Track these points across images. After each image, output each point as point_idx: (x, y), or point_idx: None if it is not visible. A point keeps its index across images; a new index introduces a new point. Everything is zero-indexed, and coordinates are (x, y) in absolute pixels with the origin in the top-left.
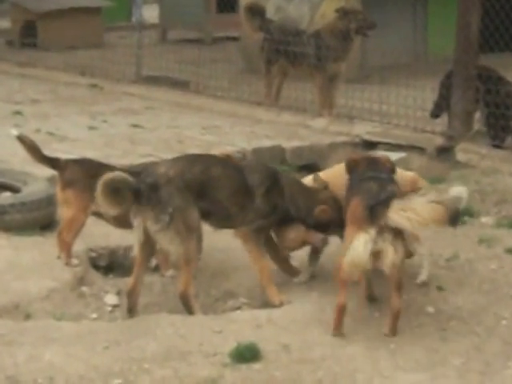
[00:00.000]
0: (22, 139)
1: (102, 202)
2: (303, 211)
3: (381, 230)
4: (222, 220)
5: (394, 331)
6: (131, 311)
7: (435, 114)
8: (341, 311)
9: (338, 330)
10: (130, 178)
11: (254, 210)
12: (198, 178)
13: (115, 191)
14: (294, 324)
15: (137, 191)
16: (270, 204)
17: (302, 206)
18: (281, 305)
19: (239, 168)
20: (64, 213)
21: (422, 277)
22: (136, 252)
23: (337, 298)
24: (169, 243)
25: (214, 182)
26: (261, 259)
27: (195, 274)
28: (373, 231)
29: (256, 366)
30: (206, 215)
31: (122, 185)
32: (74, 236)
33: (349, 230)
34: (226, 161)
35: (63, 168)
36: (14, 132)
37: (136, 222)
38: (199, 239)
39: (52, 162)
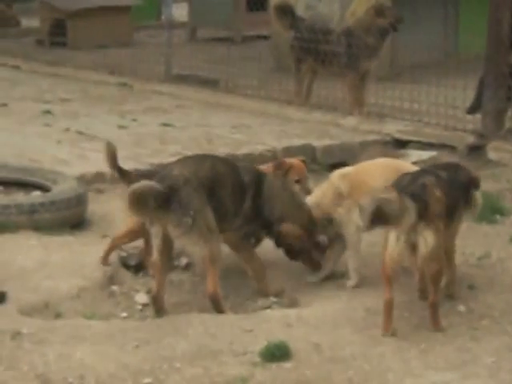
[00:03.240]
0: (107, 146)
1: (130, 211)
2: (275, 216)
3: (414, 222)
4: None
5: (436, 325)
6: (159, 312)
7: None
8: (388, 307)
9: (388, 328)
10: (158, 187)
11: (243, 212)
12: (209, 176)
13: (142, 200)
14: (324, 323)
15: (158, 197)
16: (254, 207)
17: (276, 211)
18: (279, 293)
19: (237, 167)
20: (128, 223)
21: None
22: (156, 258)
23: (383, 295)
24: (193, 246)
25: (220, 179)
26: (252, 258)
27: (223, 273)
28: (404, 224)
29: (286, 364)
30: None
31: (149, 193)
32: (124, 243)
33: None
34: (226, 159)
35: (133, 182)
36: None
37: (154, 229)
38: (219, 238)
39: (123, 174)
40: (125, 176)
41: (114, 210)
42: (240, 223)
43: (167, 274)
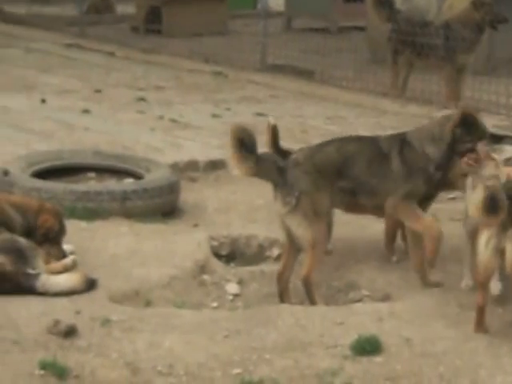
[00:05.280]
0: (272, 128)
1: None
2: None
3: (504, 226)
4: (368, 196)
5: None
6: (282, 294)
7: None
8: (481, 312)
9: (480, 331)
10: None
11: (393, 176)
12: (331, 158)
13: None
14: (416, 317)
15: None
16: (406, 166)
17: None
18: (437, 285)
19: (374, 139)
20: None
21: None
22: (283, 238)
23: (476, 299)
24: (296, 226)
25: (350, 158)
26: (423, 220)
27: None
28: (495, 226)
29: (377, 358)
30: (351, 195)
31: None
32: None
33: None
34: (361, 136)
35: None
36: (272, 120)
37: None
38: (328, 225)
39: (283, 155)
40: (284, 157)
41: (206, 199)
42: (395, 185)
43: (296, 257)
